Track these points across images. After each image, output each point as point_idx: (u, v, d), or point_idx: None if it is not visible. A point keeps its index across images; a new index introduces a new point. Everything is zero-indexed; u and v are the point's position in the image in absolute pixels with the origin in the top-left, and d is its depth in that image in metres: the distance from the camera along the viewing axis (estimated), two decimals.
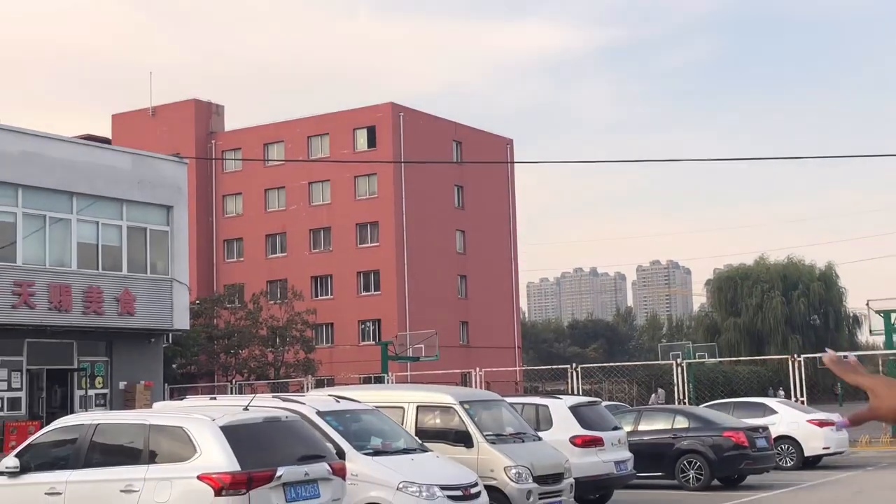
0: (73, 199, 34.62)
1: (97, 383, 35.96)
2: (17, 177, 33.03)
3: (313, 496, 11.46)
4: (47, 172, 33.83)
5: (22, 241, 33.11)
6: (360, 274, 68.59)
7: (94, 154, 36.34)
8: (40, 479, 11.85)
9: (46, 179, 33.81)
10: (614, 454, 19.08)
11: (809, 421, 26.15)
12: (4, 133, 34.39)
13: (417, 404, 16.67)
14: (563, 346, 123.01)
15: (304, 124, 71.59)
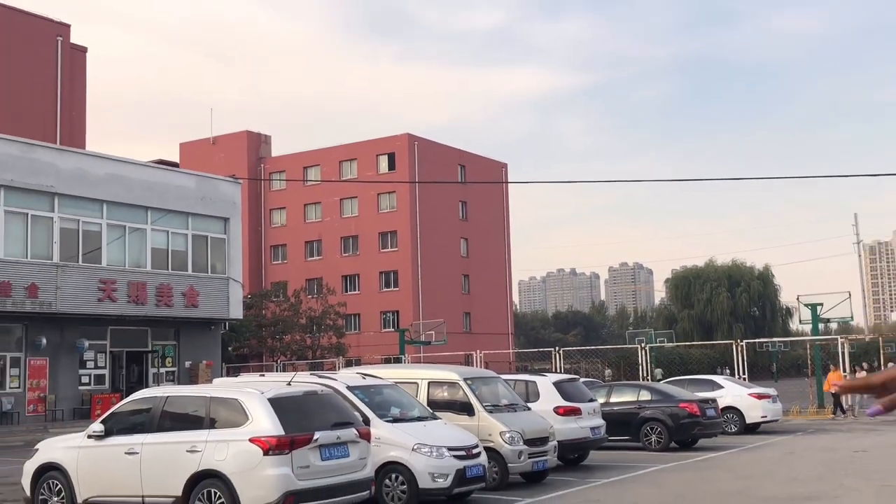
0: (148, 213, 34.83)
1: (167, 363, 36.14)
2: (102, 194, 33.30)
3: (344, 455, 11.49)
4: (127, 190, 34.06)
5: (106, 246, 33.31)
6: (382, 273, 68.76)
7: (165, 175, 36.58)
8: (121, 441, 11.90)
9: (126, 196, 34.03)
10: (590, 421, 19.07)
11: (750, 394, 26.15)
12: (93, 158, 34.68)
13: (429, 380, 16.67)
14: (548, 332, 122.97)
15: (336, 151, 71.97)
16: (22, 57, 41.46)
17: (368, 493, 11.97)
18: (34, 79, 41.87)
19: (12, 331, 31.71)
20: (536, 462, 15.76)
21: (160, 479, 11.34)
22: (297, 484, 10.73)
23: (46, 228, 31.80)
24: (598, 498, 14.15)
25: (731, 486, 15.03)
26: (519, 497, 14.25)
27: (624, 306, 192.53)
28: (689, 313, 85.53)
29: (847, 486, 14.55)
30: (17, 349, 31.77)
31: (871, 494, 13.61)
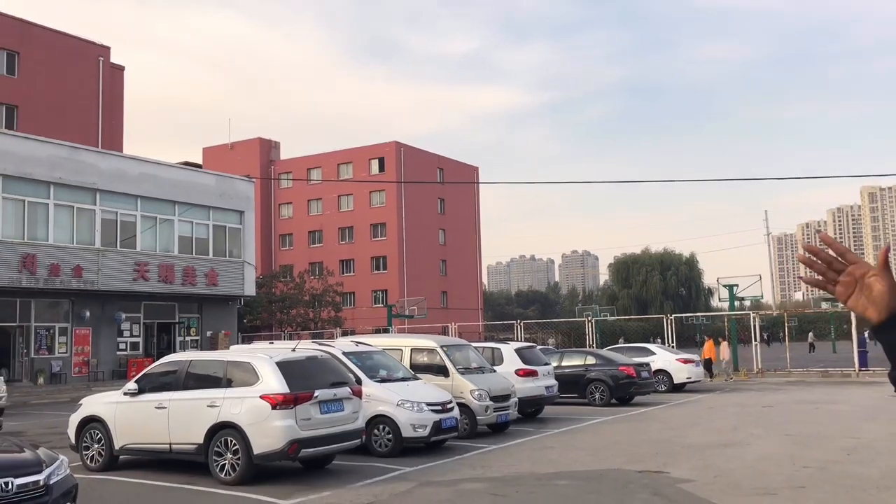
0: (175, 206, 34.63)
1: (191, 332, 35.98)
2: (137, 190, 33.14)
3: (339, 410, 11.47)
4: (158, 187, 33.89)
5: (140, 234, 33.10)
6: (373, 258, 68.61)
7: (189, 175, 36.40)
8: (152, 397, 11.83)
9: (157, 192, 33.87)
10: (545, 381, 19.15)
11: (677, 360, 26.35)
12: (129, 160, 34.39)
13: (411, 347, 16.67)
14: (512, 308, 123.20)
15: (335, 155, 71.69)
16: (69, 74, 41.04)
17: (360, 440, 11.97)
18: (79, 92, 41.44)
19: (60, 305, 31.50)
20: (500, 415, 15.82)
21: (185, 430, 11.28)
22: (300, 433, 10.71)
23: (89, 219, 31.55)
24: (551, 444, 14.20)
25: (661, 435, 15.14)
26: (486, 444, 14.28)
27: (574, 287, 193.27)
28: (628, 292, 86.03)
29: (755, 434, 14.71)
30: (65, 321, 31.56)
31: (775, 441, 13.76)
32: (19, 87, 39.23)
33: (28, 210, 29.63)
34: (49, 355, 30.90)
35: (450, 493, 9.90)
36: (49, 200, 30.23)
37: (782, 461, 11.66)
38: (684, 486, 9.95)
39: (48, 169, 30.07)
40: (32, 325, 30.61)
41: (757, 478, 10.42)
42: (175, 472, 11.56)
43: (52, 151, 30.49)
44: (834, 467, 11.11)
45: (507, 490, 10.07)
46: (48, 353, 30.92)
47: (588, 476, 10.90)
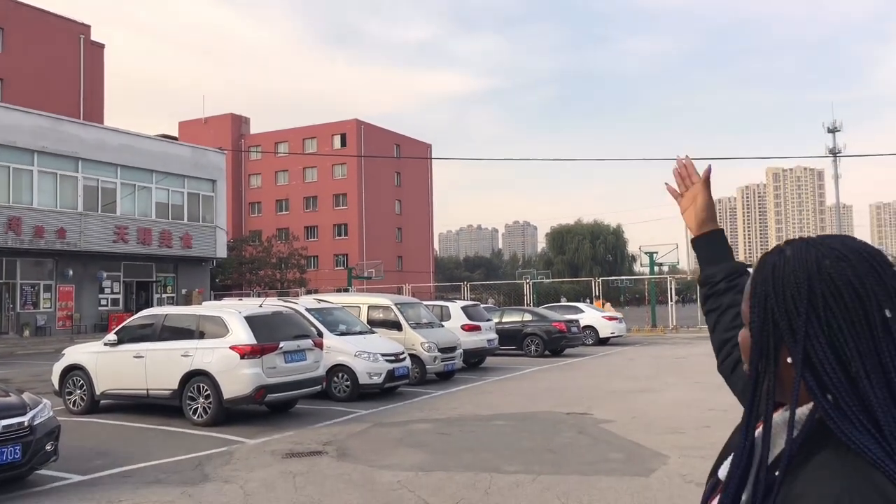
0: (153, 175, 33.89)
1: (168, 290, 35.39)
2: (116, 159, 32.32)
3: (302, 359, 11.43)
4: (136, 157, 33.11)
5: (120, 200, 32.34)
6: (335, 225, 68.13)
7: (166, 146, 35.59)
8: (131, 348, 11.63)
9: (136, 161, 33.09)
10: (487, 335, 19.33)
11: (603, 317, 26.76)
12: (109, 132, 33.42)
13: (368, 305, 16.65)
14: (460, 272, 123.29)
15: (300, 131, 70.69)
16: (52, 50, 39.56)
17: (321, 387, 11.97)
18: (62, 67, 40.01)
19: (45, 264, 30.66)
20: (447, 365, 15.96)
21: (161, 376, 11.13)
22: (266, 380, 10.66)
23: (72, 185, 30.66)
24: (491, 390, 14.37)
25: (587, 382, 15.42)
26: (434, 390, 14.39)
27: (515, 253, 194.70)
28: (562, 258, 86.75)
29: (669, 382, 15.07)
30: (49, 278, 30.76)
31: (686, 388, 14.11)
32: (5, 61, 37.71)
33: (13, 176, 28.69)
34: (34, 310, 30.15)
35: (401, 433, 9.96)
36: (33, 167, 29.28)
37: (691, 405, 11.99)
38: (606, 426, 10.18)
39: (32, 138, 29.09)
40: (18, 282, 29.78)
41: (669, 419, 10.70)
42: (152, 414, 11.41)
43: (36, 122, 29.49)
44: (735, 409, 11.33)
45: (451, 429, 10.17)
46: (33, 308, 30.16)
47: (523, 417, 11.07)
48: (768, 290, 1.01)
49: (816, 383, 0.95)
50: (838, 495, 0.86)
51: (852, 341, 0.93)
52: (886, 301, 0.94)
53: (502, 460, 8.18)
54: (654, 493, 6.75)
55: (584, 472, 7.62)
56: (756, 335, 1.02)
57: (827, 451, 0.92)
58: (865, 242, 1.01)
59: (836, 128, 51.48)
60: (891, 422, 0.90)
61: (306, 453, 8.71)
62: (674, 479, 7.25)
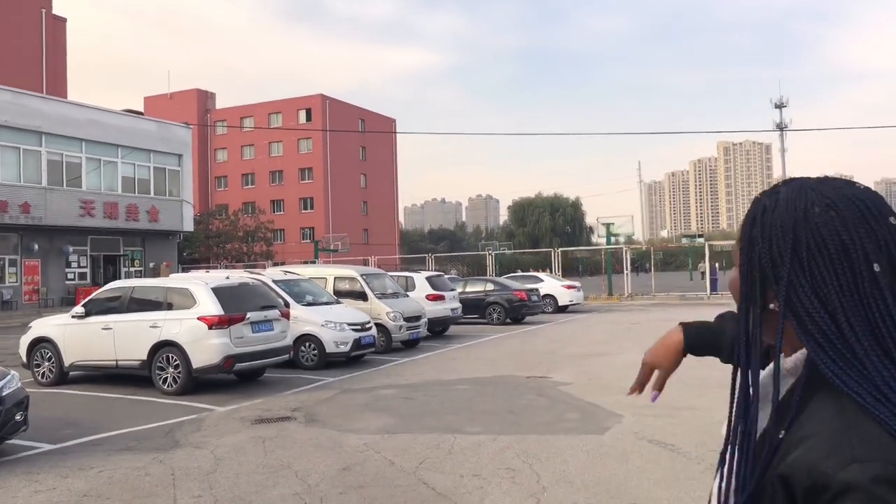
0: (119, 149, 33.11)
1: (135, 264, 34.79)
2: (81, 134, 31.50)
3: (269, 329, 11.39)
4: (101, 131, 32.29)
5: (85, 175, 31.59)
6: (301, 199, 67.54)
7: (132, 121, 34.76)
8: (98, 320, 11.44)
9: (101, 136, 32.27)
10: (450, 304, 19.43)
11: (562, 286, 27.06)
12: (73, 106, 32.51)
13: (334, 276, 16.59)
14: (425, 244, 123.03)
15: (266, 106, 69.61)
16: (13, 23, 38.10)
17: (288, 356, 11.95)
18: (23, 41, 38.60)
19: (9, 239, 29.85)
20: (412, 333, 16.02)
21: (130, 347, 11.00)
22: (234, 350, 10.60)
23: (36, 160, 29.80)
24: (454, 357, 14.49)
25: (547, 347, 15.63)
26: (399, 358, 14.47)
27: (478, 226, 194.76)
28: (523, 230, 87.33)
29: (624, 346, 15.33)
30: (14, 253, 29.98)
31: (640, 351, 14.25)
32: None
33: None
34: (0, 284, 29.42)
35: (367, 398, 10.02)
36: None
37: None
38: (563, 388, 10.36)
39: None
40: None
41: (623, 380, 10.91)
42: (121, 385, 11.29)
43: None
44: (685, 371, 11.63)
45: (415, 394, 10.26)
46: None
47: (485, 381, 11.21)
48: (755, 234, 0.98)
49: (801, 328, 0.92)
50: (838, 434, 0.84)
51: (836, 294, 0.89)
52: (875, 254, 0.89)
53: (465, 422, 8.30)
54: (608, 449, 6.92)
55: (543, 431, 7.77)
56: (743, 279, 0.99)
57: (823, 393, 0.90)
58: (865, 188, 0.95)
59: (783, 103, 52.34)
60: (879, 368, 0.87)
61: (275, 419, 8.72)
62: (627, 436, 7.43)
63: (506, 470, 6.29)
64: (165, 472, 6.52)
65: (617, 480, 5.93)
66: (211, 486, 6.06)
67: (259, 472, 6.41)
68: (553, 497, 5.55)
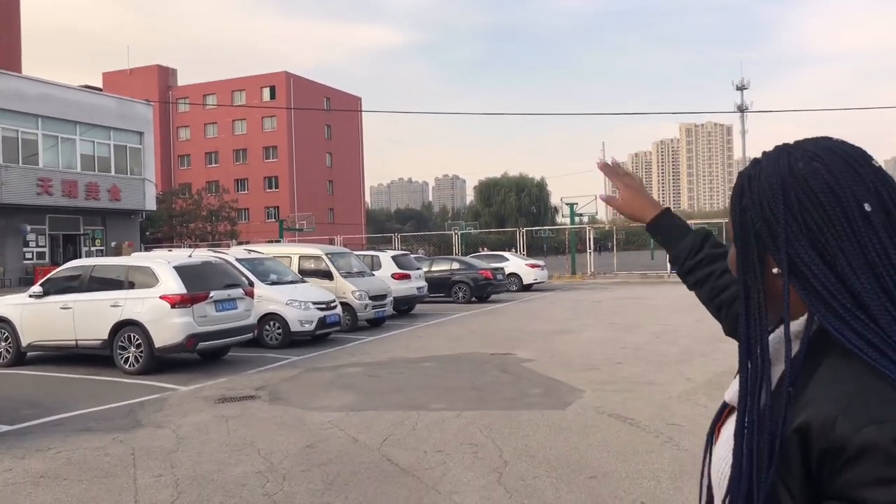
0: (77, 126, 32.24)
1: (96, 243, 34.06)
2: (37, 110, 30.56)
3: (233, 308, 11.26)
4: (59, 108, 31.37)
5: (42, 152, 30.73)
6: (266, 178, 66.72)
7: (91, 97, 33.82)
8: (57, 299, 11.20)
9: (58, 112, 31.33)
10: (416, 283, 19.44)
11: (527, 265, 27.25)
12: (29, 81, 31.50)
13: (299, 255, 16.45)
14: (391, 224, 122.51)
15: (229, 83, 68.27)
16: None
17: (252, 335, 11.86)
18: None
19: None
20: (378, 312, 16.00)
21: (90, 327, 10.79)
22: (197, 328, 10.47)
23: None
24: (420, 335, 14.51)
25: (511, 324, 15.74)
26: (365, 336, 14.44)
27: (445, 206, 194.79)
28: (489, 210, 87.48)
29: (586, 323, 15.53)
30: None
31: (601, 328, 14.58)
32: None
33: None
34: None
35: (332, 376, 9.99)
36: None
37: (605, 344, 12.41)
38: (527, 365, 10.45)
39: None
40: None
41: (585, 357, 11.06)
42: (81, 365, 11.08)
43: None
44: (645, 347, 11.94)
45: (381, 372, 10.26)
46: None
47: (450, 358, 11.25)
48: (745, 202, 0.98)
49: (805, 288, 0.91)
50: (852, 394, 0.83)
51: (834, 240, 0.89)
52: (864, 195, 0.89)
53: (429, 399, 8.32)
54: (570, 423, 7.01)
55: (506, 407, 7.83)
56: (740, 249, 0.98)
57: (832, 357, 0.88)
58: (843, 141, 0.96)
59: (744, 85, 53.04)
60: (888, 318, 0.86)
61: (239, 398, 8.64)
62: (588, 410, 7.53)
63: (469, 445, 6.33)
64: (126, 451, 6.42)
65: (578, 454, 6.01)
66: (172, 465, 5.99)
67: (222, 451, 6.36)
68: (515, 471, 5.60)
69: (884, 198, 0.89)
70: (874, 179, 0.90)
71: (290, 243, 31.78)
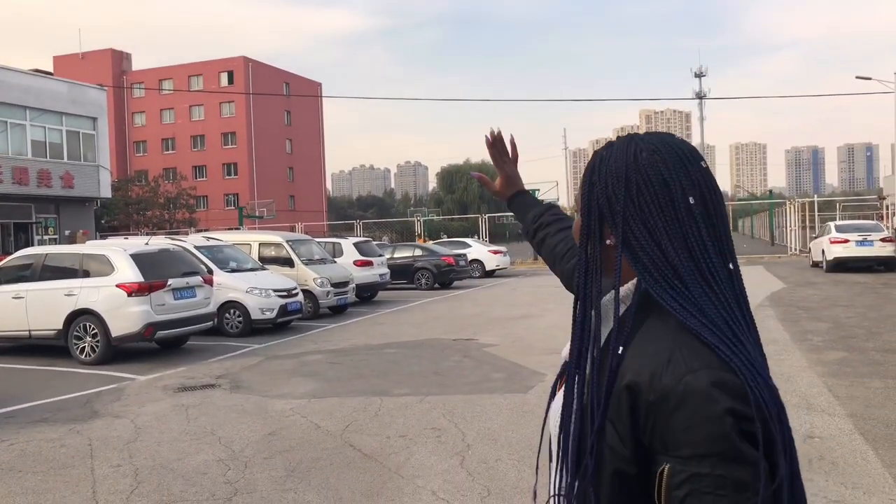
0: (27, 111, 31.25)
1: (49, 232, 33.18)
2: None
3: (192, 296, 11.11)
4: (7, 92, 30.33)
5: None
6: (224, 165, 65.52)
7: (41, 82, 32.75)
8: (8, 289, 10.91)
9: (6, 97, 30.30)
10: (378, 270, 19.39)
11: (489, 251, 27.36)
12: None
13: (259, 242, 16.28)
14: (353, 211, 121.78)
15: (186, 68, 66.69)
16: None
17: (212, 323, 11.71)
18: None
19: None
20: (340, 299, 15.94)
21: (44, 317, 10.55)
22: (155, 317, 10.31)
23: None
24: (382, 322, 14.50)
25: (473, 310, 15.81)
26: (327, 324, 14.38)
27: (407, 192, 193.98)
28: (451, 197, 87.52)
29: (548, 308, 15.66)
30: None
31: (563, 313, 14.71)
32: None
33: None
34: None
35: (294, 364, 9.94)
36: None
37: (566, 328, 12.32)
38: (489, 350, 10.53)
39: None
40: None
41: (547, 341, 11.18)
42: (35, 356, 10.84)
43: None
44: None
45: (343, 359, 10.24)
46: None
47: (413, 345, 11.27)
48: (594, 178, 1.11)
49: (634, 259, 1.05)
50: (671, 349, 0.96)
51: (662, 224, 1.03)
52: (690, 189, 1.04)
53: (392, 385, 8.34)
54: (532, 406, 7.09)
55: (468, 391, 7.89)
56: (584, 219, 1.11)
57: (653, 318, 1.02)
58: (682, 140, 1.10)
59: (702, 73, 53.85)
60: (699, 290, 1.01)
61: (199, 387, 8.55)
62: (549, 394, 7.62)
63: (432, 430, 6.37)
64: (83, 442, 6.31)
65: (539, 436, 6.10)
66: (131, 454, 5.91)
67: (181, 440, 6.29)
68: (477, 454, 5.66)
69: (705, 194, 1.04)
70: (700, 177, 1.05)
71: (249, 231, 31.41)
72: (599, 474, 1.00)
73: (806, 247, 28.97)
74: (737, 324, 0.99)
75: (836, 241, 21.76)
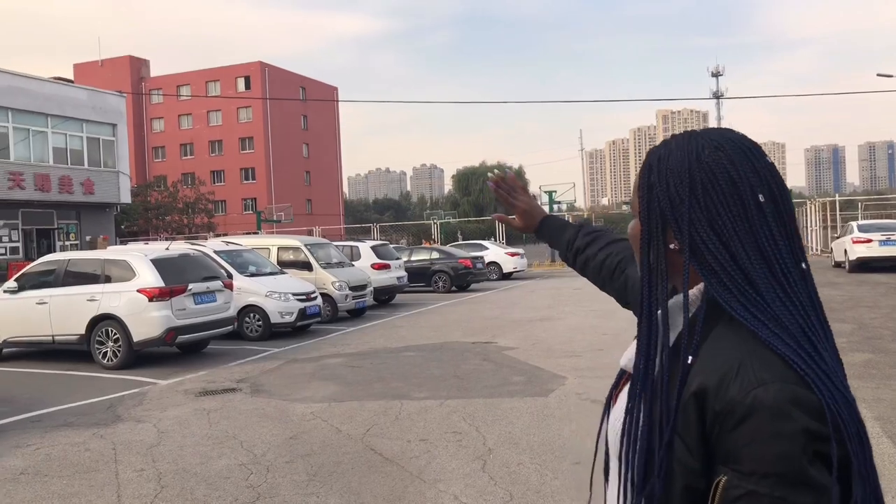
0: (48, 119, 31.71)
1: (71, 237, 33.60)
2: (7, 103, 29.97)
3: (212, 301, 11.18)
4: (29, 100, 30.82)
5: (13, 146, 30.16)
6: (242, 169, 65.91)
7: (62, 89, 33.20)
8: (32, 294, 11.03)
9: (29, 105, 30.79)
10: (396, 273, 19.41)
11: (506, 253, 27.31)
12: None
13: (278, 246, 16.35)
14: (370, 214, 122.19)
15: (204, 73, 67.27)
16: None
17: (232, 327, 11.78)
18: None
19: None
20: (358, 302, 15.97)
21: (67, 322, 10.65)
22: (176, 322, 10.38)
23: None
24: (401, 325, 14.51)
25: (492, 313, 15.78)
26: (346, 327, 14.41)
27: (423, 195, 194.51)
28: (467, 199, 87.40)
29: (567, 311, 15.62)
30: None
31: (582, 315, 14.67)
32: None
33: None
34: None
35: (313, 367, 9.97)
36: None
37: (586, 331, 12.50)
38: (508, 353, 10.50)
39: None
40: None
41: (566, 344, 11.13)
42: (59, 360, 10.95)
43: None
44: (625, 334, 12.02)
45: (362, 362, 10.25)
46: None
47: (432, 348, 11.27)
48: (653, 180, 1.04)
49: (701, 264, 0.99)
50: (741, 359, 0.91)
51: (730, 224, 0.97)
52: (759, 187, 0.98)
53: (412, 388, 8.34)
54: (553, 410, 7.06)
55: (488, 395, 7.87)
56: (644, 223, 1.05)
57: (721, 326, 0.97)
58: (743, 135, 1.04)
59: (719, 72, 53.46)
60: (773, 295, 0.95)
61: (220, 391, 8.60)
62: (570, 397, 7.59)
63: (452, 434, 6.36)
64: (106, 446, 6.37)
65: (561, 440, 6.06)
66: (154, 459, 5.95)
67: (204, 444, 6.33)
68: (499, 458, 5.64)
69: (773, 190, 0.99)
70: (767, 173, 0.99)
71: (268, 235, 31.55)
72: (668, 492, 0.94)
73: (828, 247, 28.65)
74: (813, 331, 0.94)
75: (859, 241, 21.49)
